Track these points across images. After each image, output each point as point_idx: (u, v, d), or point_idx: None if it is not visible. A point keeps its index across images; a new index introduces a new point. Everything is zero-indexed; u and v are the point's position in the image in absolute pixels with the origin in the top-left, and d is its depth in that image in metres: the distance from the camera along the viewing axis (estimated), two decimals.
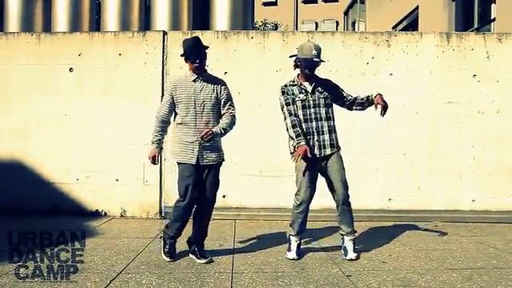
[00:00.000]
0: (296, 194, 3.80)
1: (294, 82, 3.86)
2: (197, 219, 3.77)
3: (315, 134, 3.76)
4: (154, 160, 3.68)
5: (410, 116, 5.41)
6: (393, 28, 13.87)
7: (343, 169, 3.78)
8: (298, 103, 3.77)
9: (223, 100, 3.70)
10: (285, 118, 3.79)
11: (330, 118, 3.81)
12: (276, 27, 23.69)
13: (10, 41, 5.66)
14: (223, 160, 3.79)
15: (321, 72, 3.92)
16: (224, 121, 3.68)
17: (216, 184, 3.74)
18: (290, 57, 3.86)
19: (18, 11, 9.49)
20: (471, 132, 5.43)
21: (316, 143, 3.75)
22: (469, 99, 5.43)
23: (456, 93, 5.43)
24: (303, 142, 3.62)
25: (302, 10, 27.79)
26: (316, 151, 3.74)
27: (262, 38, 5.56)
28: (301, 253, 3.84)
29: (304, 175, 3.74)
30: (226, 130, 3.65)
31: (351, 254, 3.75)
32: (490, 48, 5.46)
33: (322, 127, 3.77)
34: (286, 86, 3.87)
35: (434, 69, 5.45)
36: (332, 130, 3.81)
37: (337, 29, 25.62)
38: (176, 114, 3.71)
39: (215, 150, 3.69)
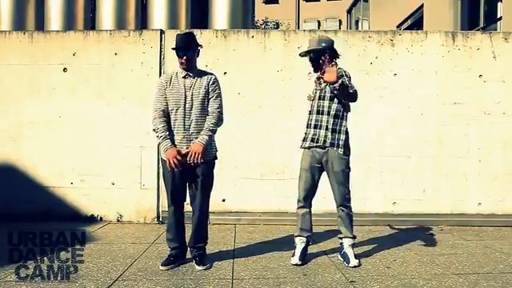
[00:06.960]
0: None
1: None
2: (192, 221, 3.68)
3: (312, 127, 3.70)
4: (177, 160, 3.43)
5: (414, 117, 5.30)
6: (397, 27, 13.77)
7: (342, 170, 3.65)
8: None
9: (212, 98, 3.60)
10: None
11: (329, 112, 3.64)
12: (277, 26, 23.62)
13: (0, 40, 5.51)
14: (215, 157, 3.66)
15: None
16: (209, 121, 3.54)
17: (206, 182, 3.61)
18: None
19: (9, 9, 9.32)
20: (477, 134, 5.32)
21: (309, 137, 3.70)
22: (475, 100, 5.33)
23: (462, 93, 5.32)
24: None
25: (304, 9, 27.76)
26: (312, 145, 3.69)
27: (263, 37, 5.44)
28: (305, 258, 3.73)
29: (302, 170, 3.73)
30: (213, 132, 3.56)
31: (353, 261, 3.63)
32: (496, 47, 5.35)
33: (320, 121, 3.66)
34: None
35: (440, 69, 5.34)
36: (330, 127, 3.63)
37: (340, 27, 25.55)
38: None
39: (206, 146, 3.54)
